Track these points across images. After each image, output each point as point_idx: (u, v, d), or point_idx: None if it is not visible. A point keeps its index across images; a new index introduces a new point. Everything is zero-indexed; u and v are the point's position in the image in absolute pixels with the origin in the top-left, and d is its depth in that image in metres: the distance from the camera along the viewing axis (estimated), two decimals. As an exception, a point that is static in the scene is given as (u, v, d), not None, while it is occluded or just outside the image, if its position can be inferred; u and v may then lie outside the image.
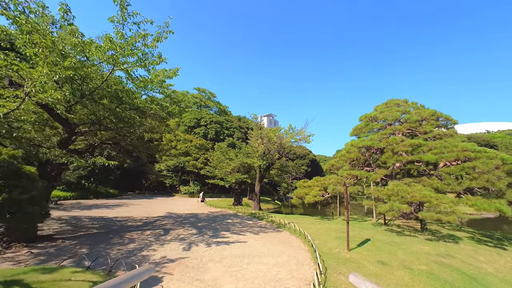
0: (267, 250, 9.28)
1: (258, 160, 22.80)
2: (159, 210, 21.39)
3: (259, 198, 24.78)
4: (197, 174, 46.19)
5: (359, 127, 17.20)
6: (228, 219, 17.24)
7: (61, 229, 12.26)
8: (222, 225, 14.78)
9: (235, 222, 15.87)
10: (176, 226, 14.07)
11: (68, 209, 19.67)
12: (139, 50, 9.75)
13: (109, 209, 21.21)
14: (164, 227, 13.49)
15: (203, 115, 55.67)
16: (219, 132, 53.45)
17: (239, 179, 24.18)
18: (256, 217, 18.24)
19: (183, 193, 43.26)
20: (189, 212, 20.79)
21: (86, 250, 8.58)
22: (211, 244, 9.95)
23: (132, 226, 13.56)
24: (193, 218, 17.24)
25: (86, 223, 14.07)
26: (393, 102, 18.14)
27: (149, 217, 17.05)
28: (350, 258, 8.20)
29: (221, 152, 28.50)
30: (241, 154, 25.19)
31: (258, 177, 24.38)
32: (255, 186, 24.82)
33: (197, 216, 18.62)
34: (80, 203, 24.42)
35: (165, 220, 15.97)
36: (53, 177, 10.04)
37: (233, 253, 8.65)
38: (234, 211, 21.86)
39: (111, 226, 13.48)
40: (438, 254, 9.33)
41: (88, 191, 31.36)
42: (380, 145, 13.99)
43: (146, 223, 14.66)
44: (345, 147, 17.74)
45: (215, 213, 20.55)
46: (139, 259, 7.74)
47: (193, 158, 44.87)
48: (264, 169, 24.40)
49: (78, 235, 11.05)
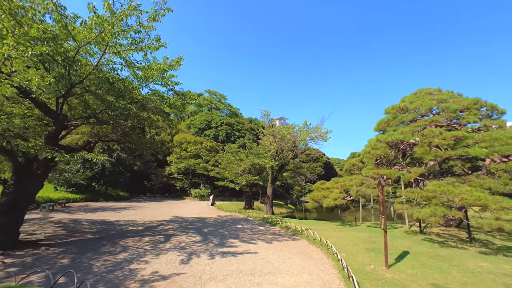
0: (283, 264, 7.55)
1: (270, 161, 21.08)
2: (166, 213, 20.15)
3: (272, 201, 23.00)
4: (208, 177, 45.07)
5: (385, 120, 15.12)
6: (237, 224, 15.60)
7: (55, 233, 11.14)
8: (230, 231, 13.16)
9: (245, 228, 14.20)
10: (179, 232, 12.61)
11: (73, 212, 18.85)
12: (132, 28, 8.48)
13: (115, 212, 20.23)
14: (165, 233, 12.07)
15: (214, 117, 54.83)
16: (229, 134, 52.28)
17: (250, 181, 22.53)
18: (268, 223, 16.48)
19: (193, 196, 42.21)
20: (197, 216, 19.38)
21: (68, 261, 7.24)
22: (216, 255, 8.35)
23: (131, 231, 12.24)
24: (200, 223, 15.75)
25: (84, 227, 12.94)
26: (424, 91, 15.90)
27: (152, 221, 15.76)
28: (392, 280, 6.29)
29: (231, 153, 27.05)
30: (252, 155, 23.59)
31: (271, 179, 22.63)
32: (267, 189, 23.08)
33: (205, 220, 17.13)
34: (87, 206, 23.74)
35: (169, 225, 14.57)
36: (39, 175, 8.89)
37: (240, 268, 6.99)
38: (244, 216, 20.22)
39: (109, 230, 12.24)
40: (505, 274, 7.19)
41: (98, 193, 30.95)
42: (413, 138, 11.92)
43: (148, 228, 13.32)
44: (368, 144, 15.68)
45: (224, 218, 19.00)
46: (123, 275, 6.26)
47: (204, 160, 43.81)
48: (277, 170, 22.63)
49: (69, 241, 9.82)
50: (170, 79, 11.49)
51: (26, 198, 8.65)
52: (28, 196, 8.75)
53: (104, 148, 32.55)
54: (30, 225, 12.76)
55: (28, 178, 8.69)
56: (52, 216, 16.24)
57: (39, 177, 9.02)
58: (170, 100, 12.01)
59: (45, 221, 14.25)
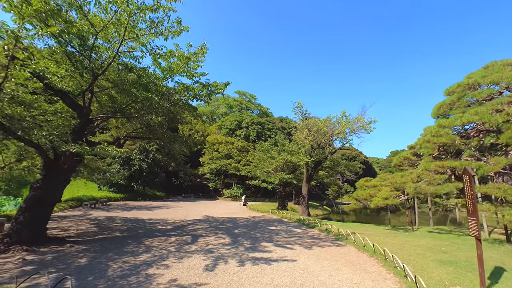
0: (330, 278, 5.91)
1: (305, 157, 19.24)
2: (197, 213, 19.68)
3: (308, 202, 21.07)
4: (240, 177, 44.62)
5: (448, 102, 12.29)
6: (271, 226, 14.19)
7: (87, 230, 11.06)
8: (263, 233, 11.82)
9: (279, 230, 12.72)
10: (208, 232, 11.68)
11: (111, 210, 19.48)
12: (148, 7, 7.75)
13: (149, 210, 20.45)
14: (194, 233, 11.22)
15: (244, 117, 54.44)
16: (260, 133, 51.26)
17: (283, 179, 20.96)
18: (305, 225, 14.73)
19: (226, 197, 42.03)
20: (228, 216, 18.48)
21: (86, 261, 6.63)
22: (246, 261, 7.06)
23: (159, 230, 11.69)
24: (231, 223, 14.73)
25: (115, 224, 12.84)
26: (499, 64, 12.61)
27: (183, 220, 15.23)
28: (503, 312, 4.25)
29: (262, 150, 25.80)
30: (284, 152, 21.99)
31: (306, 177, 20.75)
32: (302, 188, 21.23)
33: (236, 221, 16.09)
34: (126, 204, 24.65)
35: (199, 225, 13.82)
36: (65, 170, 8.68)
37: (276, 282, 5.56)
38: (278, 216, 18.74)
39: (138, 229, 11.87)
40: None
41: (136, 193, 32.39)
42: (494, 119, 9.18)
43: (177, 227, 12.69)
44: (426, 132, 12.98)
45: (257, 218, 17.75)
46: (138, 281, 5.31)
47: (235, 160, 43.45)
48: (312, 167, 20.66)
49: (96, 238, 9.50)
50: (195, 70, 10.73)
51: (52, 194, 8.46)
52: (54, 192, 8.56)
53: (141, 150, 34.04)
54: (68, 221, 13.09)
55: (55, 173, 8.49)
56: (91, 214, 16.80)
57: (65, 172, 8.81)
58: (195, 90, 11.22)
59: (83, 218, 14.63)
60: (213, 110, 71.51)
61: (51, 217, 9.40)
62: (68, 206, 19.25)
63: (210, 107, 70.91)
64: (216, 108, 72.22)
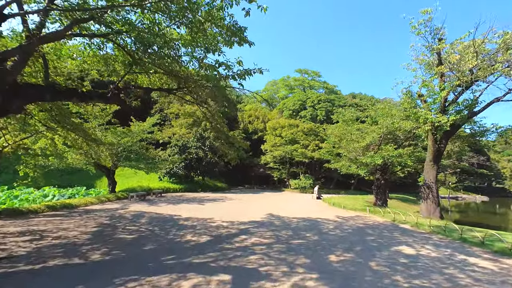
0: None
1: (435, 116, 10.77)
2: (258, 209, 14.03)
3: (437, 193, 12.45)
4: (308, 165, 37.41)
5: None
6: (397, 243, 6.93)
7: (59, 243, 6.64)
8: (394, 266, 4.81)
9: (427, 258, 5.41)
10: (271, 257, 5.51)
11: (156, 203, 16.03)
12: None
13: (200, 204, 16.17)
14: (240, 262, 5.25)
15: (309, 95, 46.49)
16: (330, 111, 42.24)
17: (389, 159, 12.89)
18: (468, 241, 6.78)
19: (293, 188, 35.80)
20: (303, 216, 11.98)
21: None
22: None
23: (181, 248, 6.24)
24: (312, 233, 8.21)
25: (129, 229, 8.22)
26: None
27: (234, 223, 9.65)
28: None
29: (345, 121, 17.92)
30: (385, 118, 13.78)
31: (432, 152, 12.13)
32: (425, 172, 12.71)
33: (319, 226, 9.47)
34: (181, 196, 21.52)
35: (256, 235, 7.84)
36: None
37: None
38: (386, 219, 11.07)
39: (150, 241, 6.78)
40: None
41: (196, 184, 29.87)
42: None
43: (216, 241, 7.03)
44: None
45: (351, 222, 10.62)
46: None
47: (302, 145, 36.43)
48: (445, 134, 11.88)
49: (35, 268, 4.67)
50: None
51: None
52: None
53: (198, 137, 31.24)
54: (71, 218, 9.27)
55: None
56: (128, 207, 13.43)
57: None
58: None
59: (112, 212, 10.99)
60: (272, 95, 65.69)
61: None
62: (115, 197, 16.80)
63: (269, 92, 65.39)
64: (275, 93, 66.12)
